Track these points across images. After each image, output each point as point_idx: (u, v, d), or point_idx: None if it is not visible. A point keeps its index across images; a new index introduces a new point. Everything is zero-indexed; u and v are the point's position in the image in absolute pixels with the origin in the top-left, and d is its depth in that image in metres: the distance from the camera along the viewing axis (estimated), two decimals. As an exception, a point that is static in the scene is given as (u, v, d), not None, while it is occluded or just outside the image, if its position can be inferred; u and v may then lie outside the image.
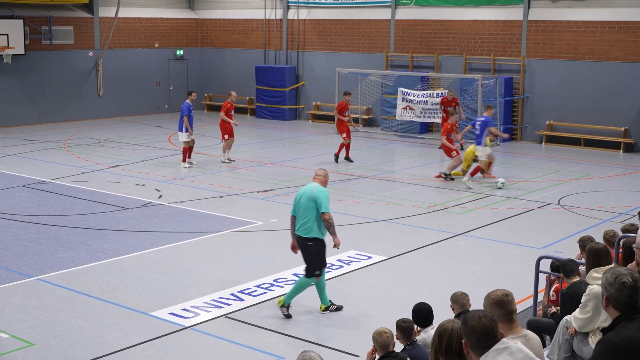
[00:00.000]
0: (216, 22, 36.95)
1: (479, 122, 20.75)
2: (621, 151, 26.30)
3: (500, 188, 20.01)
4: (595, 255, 7.71)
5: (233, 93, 23.76)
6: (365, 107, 31.87)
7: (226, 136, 23.08)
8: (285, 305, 11.29)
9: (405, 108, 29.02)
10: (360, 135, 30.08)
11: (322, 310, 11.46)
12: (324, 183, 11.39)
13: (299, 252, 11.42)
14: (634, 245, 6.90)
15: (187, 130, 22.35)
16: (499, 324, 4.91)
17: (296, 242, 11.31)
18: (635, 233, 9.07)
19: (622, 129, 26.55)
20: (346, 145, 23.57)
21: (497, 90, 27.81)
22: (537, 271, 9.42)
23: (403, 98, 29.05)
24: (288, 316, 11.22)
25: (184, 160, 22.69)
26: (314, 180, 11.40)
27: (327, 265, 13.66)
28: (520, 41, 28.58)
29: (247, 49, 36.00)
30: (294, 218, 11.29)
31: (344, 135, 23.30)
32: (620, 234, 9.51)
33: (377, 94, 31.27)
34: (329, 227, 11.05)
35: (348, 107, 23.64)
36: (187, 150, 22.68)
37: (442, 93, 28.07)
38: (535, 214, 17.73)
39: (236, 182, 20.90)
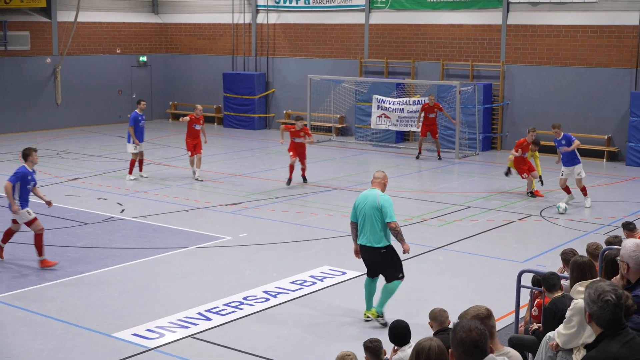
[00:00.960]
0: (181, 27, 36.88)
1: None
2: (604, 160, 26.55)
3: (561, 213, 18.78)
4: (579, 268, 7.76)
5: (199, 106, 23.18)
6: (338, 116, 31.93)
7: (190, 152, 22.74)
8: (380, 315, 11.62)
9: (380, 116, 29.12)
10: (333, 145, 30.12)
11: (376, 317, 11.65)
12: (384, 186, 11.61)
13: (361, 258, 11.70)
14: (618, 257, 6.95)
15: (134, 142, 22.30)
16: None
17: (361, 250, 11.53)
18: (619, 245, 9.14)
19: (605, 136, 26.81)
20: (290, 166, 21.70)
21: (475, 97, 27.98)
22: (519, 286, 9.46)
23: (378, 106, 29.14)
24: (385, 324, 11.35)
25: (129, 172, 22.57)
26: (373, 184, 11.58)
27: (301, 282, 13.66)
28: (500, 46, 28.80)
29: (214, 55, 35.95)
30: (354, 224, 11.50)
31: (291, 153, 21.84)
32: (604, 246, 9.59)
33: (351, 101, 31.34)
34: (397, 234, 11.31)
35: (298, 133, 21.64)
36: (134, 162, 22.56)
37: (419, 100, 28.20)
38: (516, 226, 17.82)
39: (203, 195, 20.82)
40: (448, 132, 28.47)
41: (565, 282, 9.46)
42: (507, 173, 21.42)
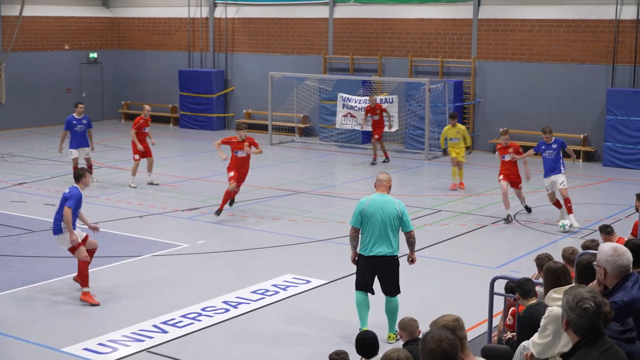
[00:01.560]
0: (134, 22, 36.68)
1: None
2: (580, 160, 26.80)
3: (567, 231, 17.61)
4: (553, 275, 7.82)
5: (147, 107, 22.96)
6: (301, 115, 31.94)
7: (136, 156, 22.25)
8: (396, 334, 11.30)
9: (345, 115, 29.17)
10: (296, 146, 30.12)
11: (396, 340, 11.25)
12: (390, 189, 11.46)
13: (365, 269, 11.37)
14: (595, 262, 7.01)
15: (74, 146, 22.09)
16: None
17: (369, 262, 11.21)
18: (597, 249, 9.23)
19: (581, 136, 27.07)
20: (226, 193, 18.90)
21: (445, 95, 28.13)
22: (492, 293, 9.52)
23: (343, 104, 29.19)
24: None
25: None
26: (379, 188, 11.36)
27: (263, 291, 13.64)
28: (470, 42, 28.99)
29: (169, 51, 35.80)
30: (357, 231, 11.28)
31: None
32: (581, 250, 9.67)
33: (315, 100, 31.36)
34: (413, 244, 11.41)
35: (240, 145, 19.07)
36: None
37: (387, 98, 28.28)
38: (489, 231, 17.94)
39: (158, 200, 20.72)
40: (417, 132, 28.60)
41: (540, 289, 9.54)
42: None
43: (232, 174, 18.60)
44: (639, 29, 26.26)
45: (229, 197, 18.83)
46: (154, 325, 12.07)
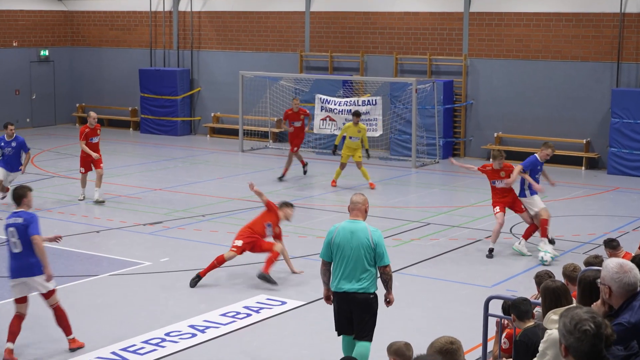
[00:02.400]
0: (90, 16, 36.61)
1: None
2: (583, 168, 26.92)
3: (543, 262, 16.42)
4: (552, 294, 7.85)
5: (92, 114, 22.27)
6: (275, 119, 31.93)
7: (82, 169, 21.86)
8: None
9: (324, 119, 29.19)
10: (270, 153, 30.12)
11: None
12: (366, 214, 10.74)
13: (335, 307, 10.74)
14: (599, 280, 7.04)
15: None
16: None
17: (341, 300, 10.56)
18: (600, 266, 9.27)
19: (584, 141, 27.19)
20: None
21: (434, 96, 28.21)
22: (486, 314, 9.54)
23: (322, 107, 29.21)
24: None
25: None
26: (353, 214, 10.65)
27: (233, 314, 13.62)
28: (461, 37, 29.10)
29: (128, 48, 35.72)
30: (328, 265, 10.64)
31: None
32: (583, 267, 9.72)
33: (290, 102, 31.35)
34: (388, 281, 10.59)
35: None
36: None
37: (369, 100, 28.33)
38: (483, 246, 17.98)
39: (117, 213, 20.65)
40: (403, 137, 28.68)
41: (538, 310, 9.58)
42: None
43: (239, 242, 15.55)
44: (645, 24, 26.48)
45: (215, 267, 15.41)
46: (113, 353, 12.02)
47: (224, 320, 13.35)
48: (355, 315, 10.57)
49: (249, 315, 13.62)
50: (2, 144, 21.18)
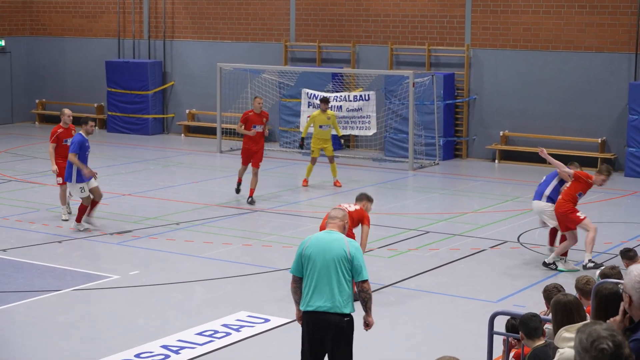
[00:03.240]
0: (51, 2, 36.55)
1: None
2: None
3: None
4: (564, 309, 7.87)
5: (67, 111, 20.88)
6: (257, 116, 31.93)
7: (60, 179, 20.29)
8: None
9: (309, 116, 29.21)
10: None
11: None
12: (344, 229, 10.49)
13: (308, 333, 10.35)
14: (621, 287, 7.06)
15: (79, 178, 19.45)
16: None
17: (311, 321, 10.23)
18: (617, 278, 9.31)
19: (599, 140, 27.25)
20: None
21: (434, 90, 28.25)
22: (491, 332, 9.57)
23: (309, 103, 29.24)
24: None
25: (78, 220, 19.80)
26: (330, 225, 10.44)
27: (211, 333, 13.62)
28: (464, 26, 29.15)
29: (94, 37, 35.68)
30: (299, 281, 10.31)
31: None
32: (598, 280, 9.75)
33: (274, 97, 31.39)
34: (368, 300, 10.24)
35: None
36: (85, 208, 19.75)
37: (362, 95, 28.35)
38: (488, 256, 18.02)
39: (81, 221, 20.61)
40: (399, 136, 28.70)
41: (548, 327, 9.60)
42: None
43: None
44: (666, 10, 26.59)
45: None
46: (77, 376, 12.01)
47: (201, 339, 13.33)
48: (327, 342, 10.17)
49: (228, 334, 13.60)
50: (87, 144, 19.84)
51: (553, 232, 17.71)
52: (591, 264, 16.67)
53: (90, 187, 19.49)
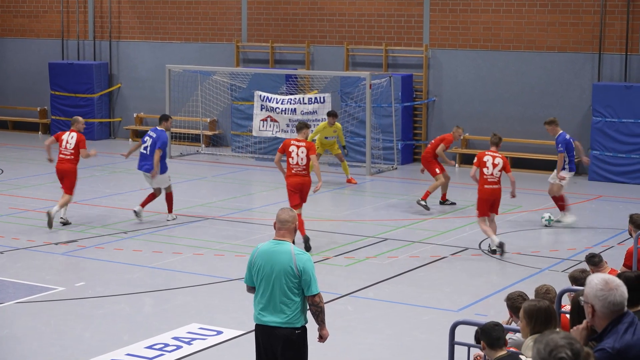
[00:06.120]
0: (-10, 1, 36.30)
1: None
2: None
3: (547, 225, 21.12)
4: (544, 316, 7.93)
5: (81, 119, 21.88)
6: (208, 120, 31.88)
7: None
8: None
9: (265, 120, 29.18)
10: (202, 159, 30.05)
11: None
12: (295, 233, 10.57)
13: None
14: (581, 297, 7.12)
15: (164, 168, 21.25)
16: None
17: (261, 333, 10.27)
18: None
19: (562, 143, 27.42)
20: None
21: (391, 92, 28.33)
22: (452, 342, 9.60)
23: (262, 106, 29.19)
24: None
25: (170, 211, 21.56)
26: (280, 234, 10.38)
27: (161, 347, 13.57)
28: (422, 25, 29.25)
29: (36, 38, 35.47)
30: (253, 290, 10.32)
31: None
32: (561, 288, 9.80)
33: (225, 100, 31.35)
34: (319, 313, 10.23)
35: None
36: (171, 197, 21.49)
37: (317, 98, 28.37)
38: (448, 264, 18.08)
39: (24, 230, 20.47)
40: (356, 139, 28.75)
41: (513, 336, 9.66)
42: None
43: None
44: (630, 9, 26.81)
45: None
46: (20, 393, 11.93)
47: (150, 353, 13.29)
48: (279, 355, 10.21)
49: (179, 347, 13.56)
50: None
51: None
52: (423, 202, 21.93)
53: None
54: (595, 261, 12.28)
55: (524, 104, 28.06)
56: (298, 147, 18.89)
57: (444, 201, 23.16)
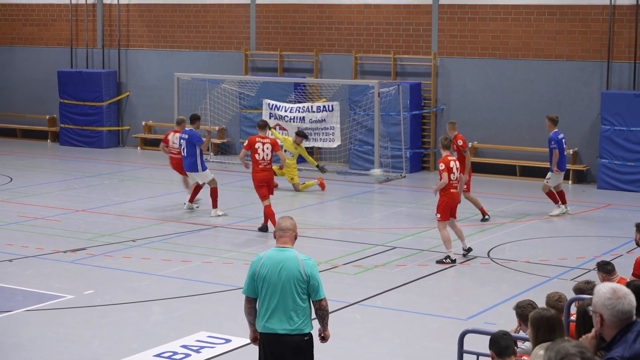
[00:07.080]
0: (0, 9, 36.39)
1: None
2: (570, 182, 27.09)
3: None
4: (547, 325, 7.92)
5: (182, 118, 24.33)
6: (217, 128, 31.89)
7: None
8: None
9: (274, 128, 29.22)
10: (211, 166, 29.95)
11: None
12: (295, 240, 10.50)
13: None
14: (590, 307, 7.10)
15: (204, 165, 23.19)
16: None
17: (268, 342, 10.29)
18: (592, 293, 9.35)
19: (570, 151, 27.34)
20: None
21: (400, 101, 28.32)
22: (461, 351, 9.59)
23: (271, 114, 29.23)
24: None
25: (215, 206, 22.87)
26: (281, 241, 10.35)
27: (169, 355, 13.57)
28: (430, 34, 29.26)
29: (45, 46, 35.52)
30: (253, 302, 10.36)
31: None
32: (571, 295, 9.79)
33: (234, 108, 31.37)
34: (325, 316, 10.41)
35: None
36: (216, 191, 22.90)
37: (325, 106, 28.38)
38: (457, 272, 18.07)
39: (33, 238, 20.49)
40: (364, 147, 28.74)
41: (522, 345, 9.64)
42: None
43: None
44: (638, 17, 26.77)
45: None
46: (29, 401, 11.94)
47: (159, 361, 13.31)
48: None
49: (187, 355, 13.56)
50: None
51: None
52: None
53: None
54: (608, 269, 12.22)
55: (533, 112, 28.01)
56: (263, 143, 20.96)
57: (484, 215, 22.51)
